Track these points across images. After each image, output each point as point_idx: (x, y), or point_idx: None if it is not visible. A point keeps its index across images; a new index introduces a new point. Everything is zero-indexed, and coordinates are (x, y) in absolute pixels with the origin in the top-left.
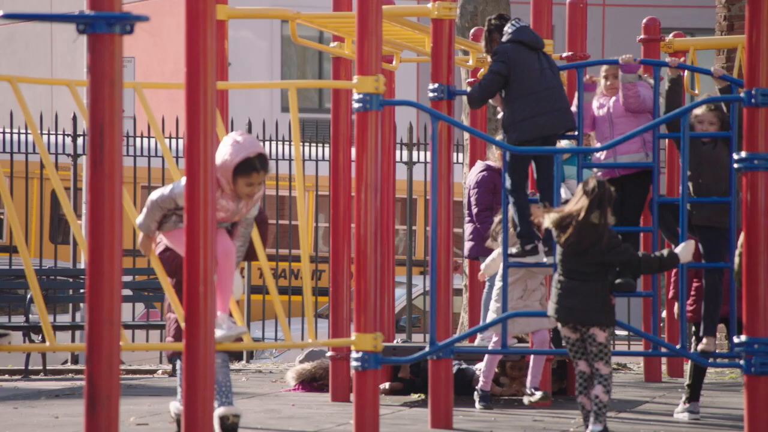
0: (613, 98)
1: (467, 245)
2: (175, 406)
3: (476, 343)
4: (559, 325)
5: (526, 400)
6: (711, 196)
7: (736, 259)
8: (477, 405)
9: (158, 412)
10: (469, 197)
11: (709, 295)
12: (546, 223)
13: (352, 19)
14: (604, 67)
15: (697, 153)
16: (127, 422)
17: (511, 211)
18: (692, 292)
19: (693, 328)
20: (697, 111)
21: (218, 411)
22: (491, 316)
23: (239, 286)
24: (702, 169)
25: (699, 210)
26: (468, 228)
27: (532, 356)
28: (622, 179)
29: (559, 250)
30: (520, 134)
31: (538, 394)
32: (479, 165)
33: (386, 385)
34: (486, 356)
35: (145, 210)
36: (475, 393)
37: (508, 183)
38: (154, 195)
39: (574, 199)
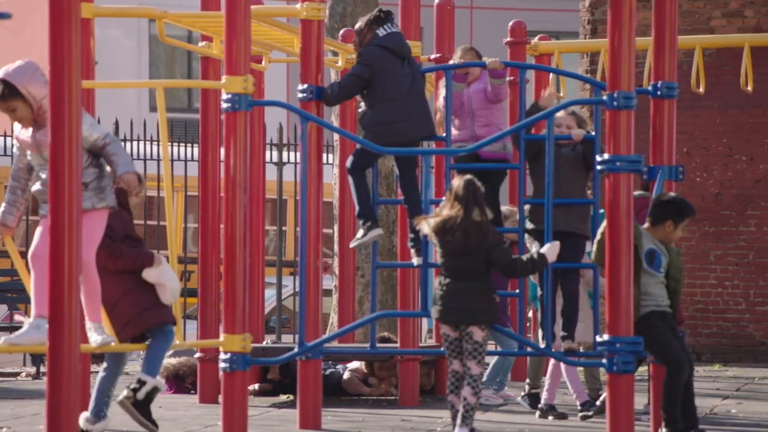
0: (472, 88)
1: None
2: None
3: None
4: (437, 323)
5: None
6: (565, 195)
7: (594, 246)
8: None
9: (21, 416)
10: None
11: (567, 302)
12: (425, 230)
13: (220, 19)
14: (458, 54)
15: (555, 157)
16: None
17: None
18: None
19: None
20: (557, 114)
21: (84, 424)
22: (580, 327)
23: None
24: (559, 173)
25: (564, 215)
26: None
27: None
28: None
29: (440, 252)
30: (377, 138)
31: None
32: None
33: (255, 386)
34: (551, 370)
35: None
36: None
37: (348, 163)
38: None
39: (448, 204)
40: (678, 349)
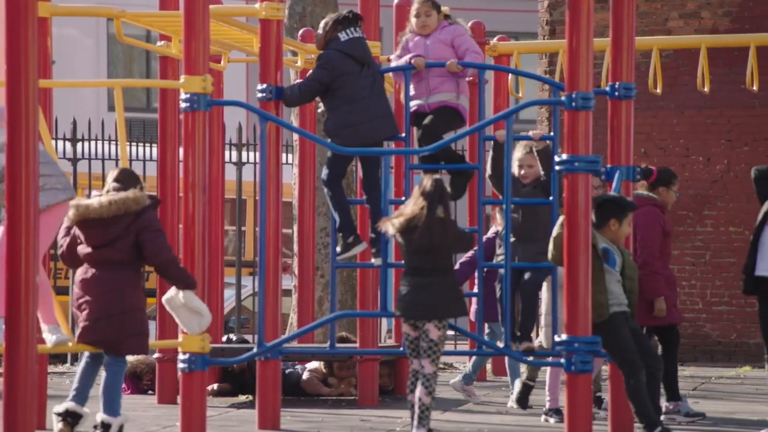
0: (431, 39)
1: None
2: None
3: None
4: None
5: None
6: (530, 238)
7: (551, 244)
8: (551, 420)
9: None
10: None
11: (525, 306)
12: (391, 230)
13: (178, 18)
14: (414, 5)
15: (516, 194)
16: None
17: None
18: None
19: None
20: (517, 154)
21: (63, 404)
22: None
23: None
24: (521, 211)
25: (524, 249)
26: None
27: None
28: (431, 113)
29: (404, 251)
30: (344, 141)
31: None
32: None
33: (214, 386)
34: (549, 374)
35: None
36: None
37: (324, 175)
38: None
39: (413, 201)
40: (635, 354)
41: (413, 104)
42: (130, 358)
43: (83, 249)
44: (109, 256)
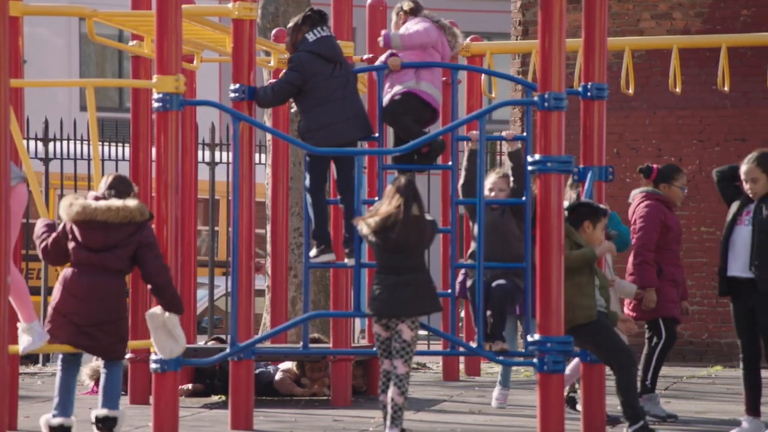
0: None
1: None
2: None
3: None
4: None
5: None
6: (500, 261)
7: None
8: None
9: None
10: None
11: (495, 309)
12: (365, 230)
13: (151, 18)
14: (394, 19)
15: (485, 219)
16: None
17: (310, 211)
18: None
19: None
20: (490, 178)
21: (52, 420)
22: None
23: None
24: (490, 235)
25: (493, 270)
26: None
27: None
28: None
29: (378, 251)
30: (317, 142)
31: None
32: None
33: (188, 386)
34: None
35: None
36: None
37: (306, 182)
38: None
39: (387, 200)
40: (627, 345)
41: (384, 100)
42: (101, 362)
43: (78, 250)
44: (109, 263)
